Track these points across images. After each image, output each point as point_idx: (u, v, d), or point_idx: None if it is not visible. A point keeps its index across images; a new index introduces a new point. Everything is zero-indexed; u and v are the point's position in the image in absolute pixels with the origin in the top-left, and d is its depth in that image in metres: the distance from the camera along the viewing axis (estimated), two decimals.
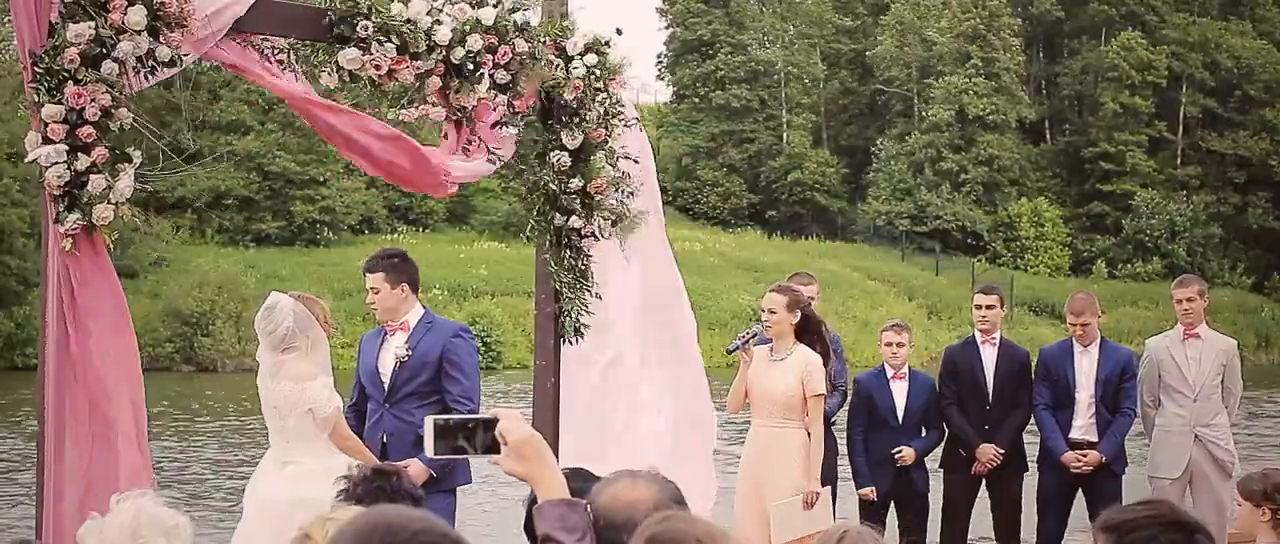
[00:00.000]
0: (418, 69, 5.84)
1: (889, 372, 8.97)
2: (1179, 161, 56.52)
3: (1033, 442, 9.04)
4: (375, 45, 5.63)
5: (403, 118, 6.08)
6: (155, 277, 36.47)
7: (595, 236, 6.59)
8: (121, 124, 5.07)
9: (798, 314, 7.97)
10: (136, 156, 5.16)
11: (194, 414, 22.93)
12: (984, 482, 8.95)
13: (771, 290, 8.18)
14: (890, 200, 52.30)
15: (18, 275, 32.35)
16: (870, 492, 8.78)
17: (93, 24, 4.93)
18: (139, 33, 5.02)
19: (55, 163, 4.97)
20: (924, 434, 8.97)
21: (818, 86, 56.87)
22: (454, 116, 6.15)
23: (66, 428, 5.10)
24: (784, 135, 54.86)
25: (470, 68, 6.00)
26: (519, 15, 6.12)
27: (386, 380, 7.05)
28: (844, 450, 8.94)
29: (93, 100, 4.96)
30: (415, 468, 6.46)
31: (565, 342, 6.68)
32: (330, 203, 42.01)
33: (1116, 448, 8.68)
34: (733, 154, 53.83)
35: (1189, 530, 3.12)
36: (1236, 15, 58.19)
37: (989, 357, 8.91)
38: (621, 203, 6.62)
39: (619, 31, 6.56)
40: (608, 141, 6.53)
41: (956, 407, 8.91)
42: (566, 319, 6.61)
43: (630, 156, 6.69)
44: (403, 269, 7.14)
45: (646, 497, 3.10)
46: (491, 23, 6.00)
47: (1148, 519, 3.14)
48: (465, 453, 3.13)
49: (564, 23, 6.47)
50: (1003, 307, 9.17)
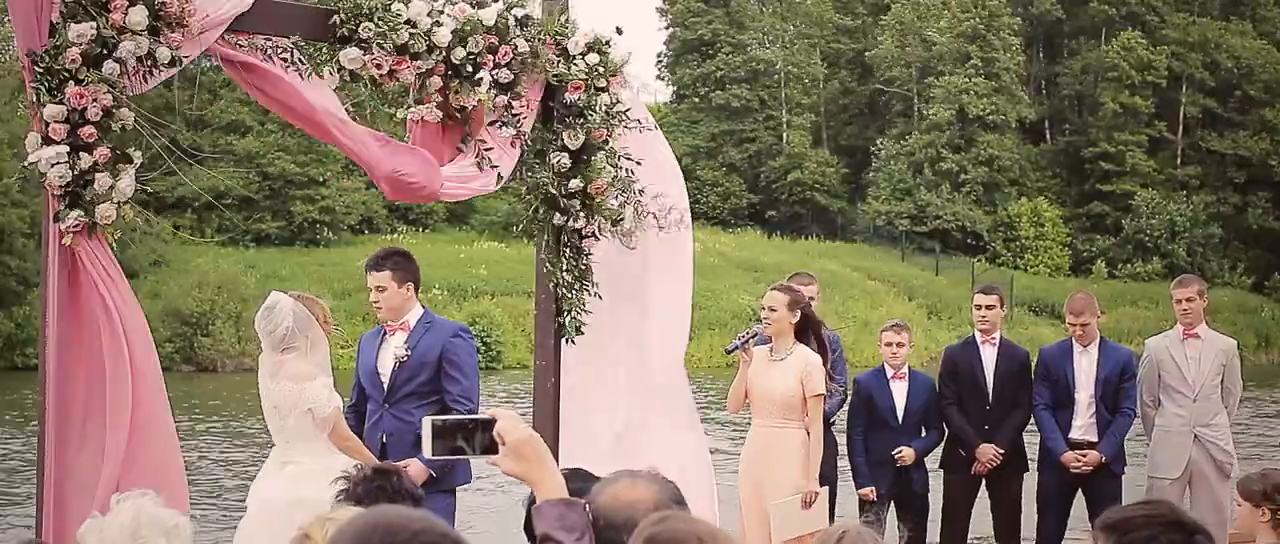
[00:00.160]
0: (418, 69, 5.85)
1: (889, 372, 8.97)
2: (1179, 161, 56.45)
3: (1033, 442, 9.04)
4: (376, 46, 5.64)
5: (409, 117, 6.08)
6: (155, 276, 36.45)
7: (595, 237, 6.58)
8: (123, 124, 5.07)
9: (798, 313, 7.97)
10: (137, 157, 5.16)
11: (196, 416, 22.90)
12: (984, 482, 8.95)
13: (772, 289, 8.18)
14: (890, 200, 52.23)
15: (18, 275, 32.34)
16: (870, 491, 8.79)
17: (94, 24, 4.93)
18: (140, 33, 5.01)
19: (57, 163, 4.96)
20: (924, 434, 8.98)
21: (818, 86, 56.82)
22: (454, 117, 6.15)
23: (75, 429, 5.08)
24: (784, 135, 54.82)
25: (470, 68, 6.01)
26: (519, 10, 6.12)
27: (386, 380, 7.04)
28: (844, 450, 8.94)
29: (94, 100, 4.95)
30: (415, 468, 6.46)
31: (566, 342, 6.68)
32: (330, 203, 42.03)
33: (1116, 448, 8.68)
34: (733, 154, 53.79)
35: (1189, 531, 3.12)
36: (1237, 15, 58.09)
37: (989, 357, 8.92)
38: (622, 204, 6.61)
39: (619, 31, 6.56)
40: (608, 142, 6.53)
41: (956, 407, 8.91)
42: (566, 319, 6.60)
43: (630, 157, 6.68)
44: (408, 268, 7.15)
45: (646, 497, 3.09)
46: (492, 23, 6.01)
47: (1147, 519, 3.14)
48: (463, 453, 3.12)
49: (563, 19, 6.46)
50: (1003, 306, 9.17)
